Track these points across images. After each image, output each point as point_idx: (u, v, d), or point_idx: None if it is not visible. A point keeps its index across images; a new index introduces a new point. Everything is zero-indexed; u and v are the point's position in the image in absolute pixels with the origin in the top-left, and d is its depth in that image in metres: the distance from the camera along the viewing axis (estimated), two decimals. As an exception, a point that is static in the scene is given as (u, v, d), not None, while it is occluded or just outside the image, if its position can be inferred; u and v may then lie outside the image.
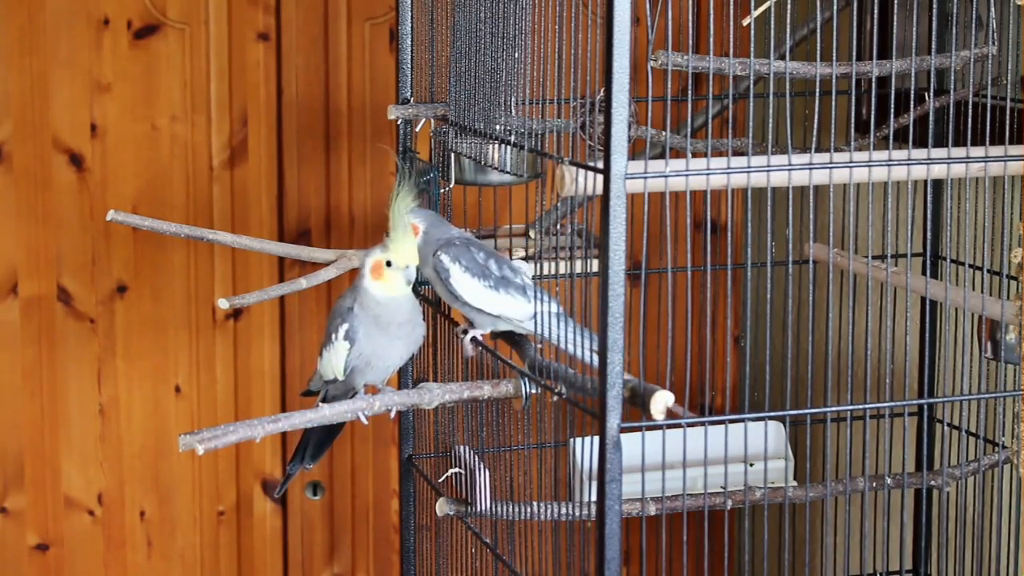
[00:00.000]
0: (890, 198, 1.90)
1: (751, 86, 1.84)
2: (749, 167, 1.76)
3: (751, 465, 2.33)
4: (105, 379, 2.84)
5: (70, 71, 2.76)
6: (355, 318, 1.93)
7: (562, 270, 2.23)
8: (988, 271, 2.19)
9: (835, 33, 1.85)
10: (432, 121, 2.29)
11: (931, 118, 2.25)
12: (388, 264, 1.90)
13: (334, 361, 1.95)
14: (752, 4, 1.84)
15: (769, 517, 2.60)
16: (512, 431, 2.07)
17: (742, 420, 1.89)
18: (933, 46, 2.17)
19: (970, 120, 1.97)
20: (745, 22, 1.86)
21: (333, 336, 1.95)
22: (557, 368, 1.74)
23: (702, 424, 1.75)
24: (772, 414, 1.84)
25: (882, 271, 2.13)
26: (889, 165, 1.81)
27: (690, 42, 1.95)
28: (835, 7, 1.90)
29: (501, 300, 1.94)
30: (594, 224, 2.37)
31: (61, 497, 2.85)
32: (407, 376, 2.35)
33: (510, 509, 2.03)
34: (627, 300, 1.58)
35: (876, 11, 2.38)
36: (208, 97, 2.80)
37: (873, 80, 1.93)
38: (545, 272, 2.31)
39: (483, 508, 2.03)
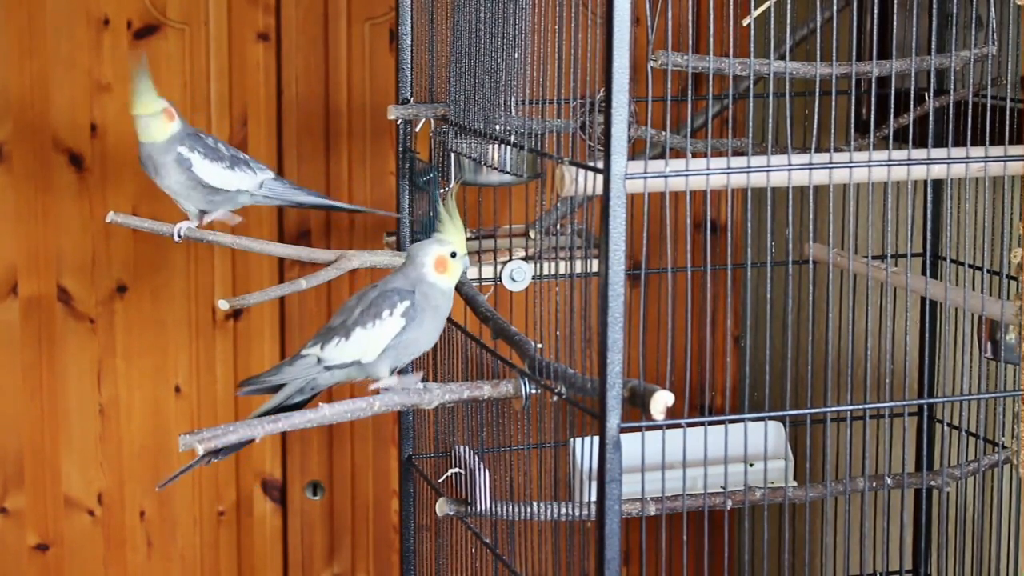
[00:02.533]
0: (890, 198, 1.90)
1: (751, 86, 1.84)
2: (749, 167, 1.76)
3: (751, 465, 2.33)
4: (105, 379, 2.84)
5: (70, 71, 2.75)
6: (417, 301, 1.92)
7: (562, 270, 2.23)
8: (988, 271, 2.19)
9: (835, 33, 1.85)
10: (432, 121, 2.29)
11: (931, 118, 2.24)
12: (453, 255, 1.93)
13: (375, 338, 1.93)
14: (752, 4, 1.84)
15: (769, 517, 2.60)
16: (512, 431, 2.07)
17: (742, 420, 1.89)
18: (933, 46, 2.17)
19: (970, 120, 1.97)
20: (745, 22, 1.86)
21: (387, 312, 1.92)
22: (557, 368, 1.74)
23: (702, 424, 1.75)
24: (772, 414, 1.85)
25: (882, 271, 2.13)
26: (889, 165, 1.81)
27: (690, 42, 1.94)
28: (835, 7, 1.89)
29: (237, 176, 2.22)
30: (594, 224, 2.37)
31: (61, 497, 2.84)
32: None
33: (510, 509, 2.02)
34: (627, 300, 1.58)
35: (876, 11, 2.38)
36: (208, 97, 2.80)
37: (873, 80, 1.93)
38: (545, 272, 2.31)
39: (483, 508, 2.03)
